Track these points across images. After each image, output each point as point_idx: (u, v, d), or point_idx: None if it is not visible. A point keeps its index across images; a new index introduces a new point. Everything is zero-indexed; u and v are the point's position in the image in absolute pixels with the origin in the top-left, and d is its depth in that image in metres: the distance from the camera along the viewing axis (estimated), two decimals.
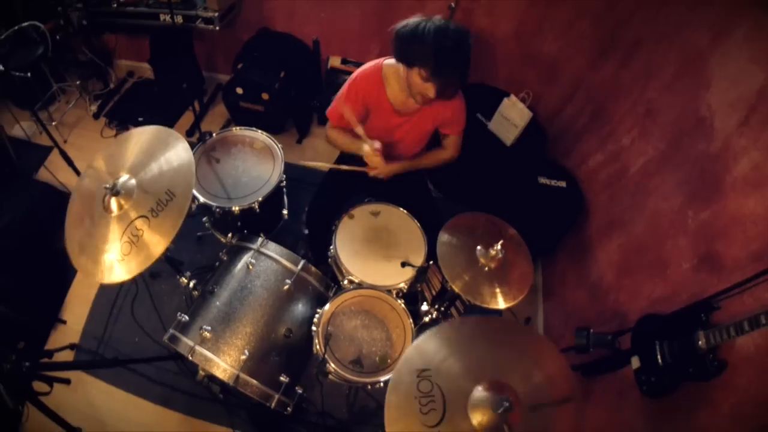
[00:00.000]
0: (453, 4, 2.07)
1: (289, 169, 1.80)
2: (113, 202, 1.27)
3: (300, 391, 1.54)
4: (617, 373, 1.39)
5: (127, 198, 1.28)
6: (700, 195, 1.38)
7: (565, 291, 2.10)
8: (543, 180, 2.02)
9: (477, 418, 0.87)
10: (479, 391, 0.86)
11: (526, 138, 2.16)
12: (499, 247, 1.28)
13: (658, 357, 1.19)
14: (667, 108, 1.60)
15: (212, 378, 1.48)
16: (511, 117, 2.13)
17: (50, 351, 1.85)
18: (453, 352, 0.90)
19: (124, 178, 1.32)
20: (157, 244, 1.23)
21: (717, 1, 1.43)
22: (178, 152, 1.32)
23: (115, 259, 1.24)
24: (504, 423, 0.85)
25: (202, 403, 1.83)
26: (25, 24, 2.05)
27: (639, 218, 1.65)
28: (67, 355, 1.90)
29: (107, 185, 1.28)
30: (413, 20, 1.31)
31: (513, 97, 2.11)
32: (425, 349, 0.91)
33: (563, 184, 2.03)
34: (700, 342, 1.09)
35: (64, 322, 2.00)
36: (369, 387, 1.36)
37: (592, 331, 1.16)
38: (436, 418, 0.81)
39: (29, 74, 2.01)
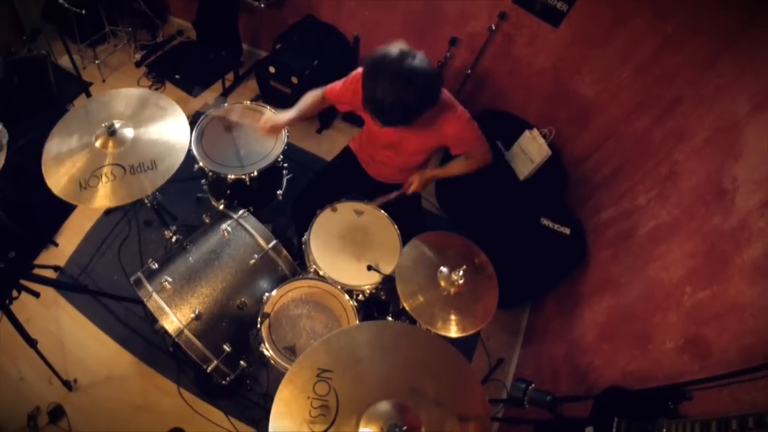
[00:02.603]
0: (494, 26, 2.03)
1: (300, 154, 1.80)
2: (102, 138, 1.32)
3: (243, 365, 1.53)
4: None
5: (117, 144, 1.34)
6: (702, 272, 1.27)
7: (545, 340, 1.98)
8: (545, 222, 1.92)
9: None
10: (376, 409, 0.79)
11: (542, 176, 2.07)
12: (461, 272, 1.20)
13: None
14: (691, 173, 1.49)
15: (167, 331, 1.49)
16: (529, 151, 2.05)
17: (34, 265, 1.94)
18: (366, 358, 0.83)
19: (123, 124, 1.38)
20: (106, 199, 1.30)
21: (764, 71, 1.31)
22: (181, 135, 1.41)
23: (73, 180, 1.32)
24: None
25: (157, 353, 1.87)
26: None
27: (635, 283, 1.54)
28: (49, 275, 1.98)
29: (107, 124, 1.34)
30: (395, 48, 1.22)
31: (535, 131, 2.03)
32: (336, 347, 0.85)
33: (567, 231, 1.92)
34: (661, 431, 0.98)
35: (57, 245, 2.10)
36: None
37: (532, 386, 1.06)
38: (322, 425, 0.75)
39: (83, 12, 2.14)
